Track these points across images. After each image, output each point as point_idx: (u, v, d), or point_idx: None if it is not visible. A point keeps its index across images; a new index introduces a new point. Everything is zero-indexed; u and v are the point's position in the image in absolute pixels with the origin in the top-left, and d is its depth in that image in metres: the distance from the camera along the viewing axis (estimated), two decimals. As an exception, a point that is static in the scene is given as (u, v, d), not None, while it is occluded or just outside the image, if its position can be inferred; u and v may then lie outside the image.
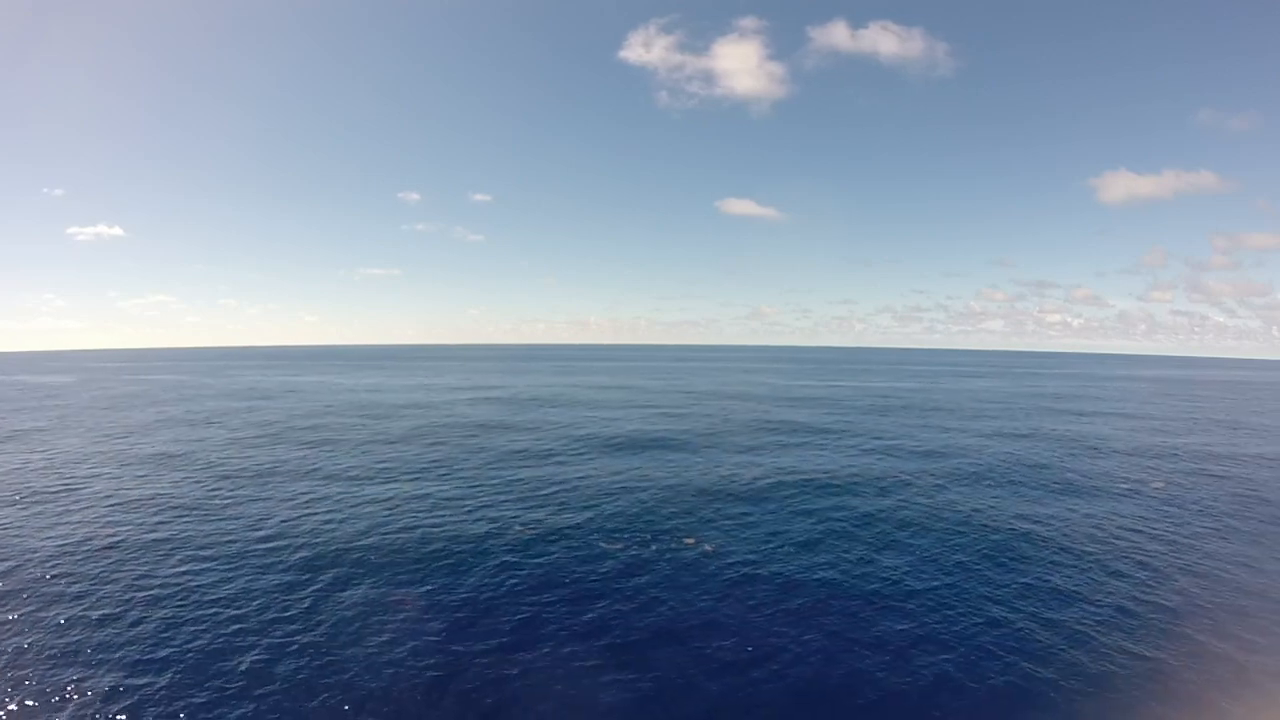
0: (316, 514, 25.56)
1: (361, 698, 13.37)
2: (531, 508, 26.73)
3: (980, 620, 17.14)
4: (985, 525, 25.01)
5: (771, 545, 22.41)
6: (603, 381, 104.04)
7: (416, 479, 31.85)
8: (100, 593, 18.12)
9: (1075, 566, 20.93)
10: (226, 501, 27.45)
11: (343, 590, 18.40)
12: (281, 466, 34.60)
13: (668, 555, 21.28)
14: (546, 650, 15.18)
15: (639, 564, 20.50)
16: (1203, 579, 19.90)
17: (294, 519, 24.92)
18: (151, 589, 18.32)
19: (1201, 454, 41.28)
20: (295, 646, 15.23)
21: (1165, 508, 27.75)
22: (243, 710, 12.96)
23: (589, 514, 25.88)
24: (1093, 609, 17.83)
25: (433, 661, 14.66)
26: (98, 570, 19.73)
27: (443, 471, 33.73)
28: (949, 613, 17.62)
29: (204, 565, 20.12)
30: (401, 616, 16.78)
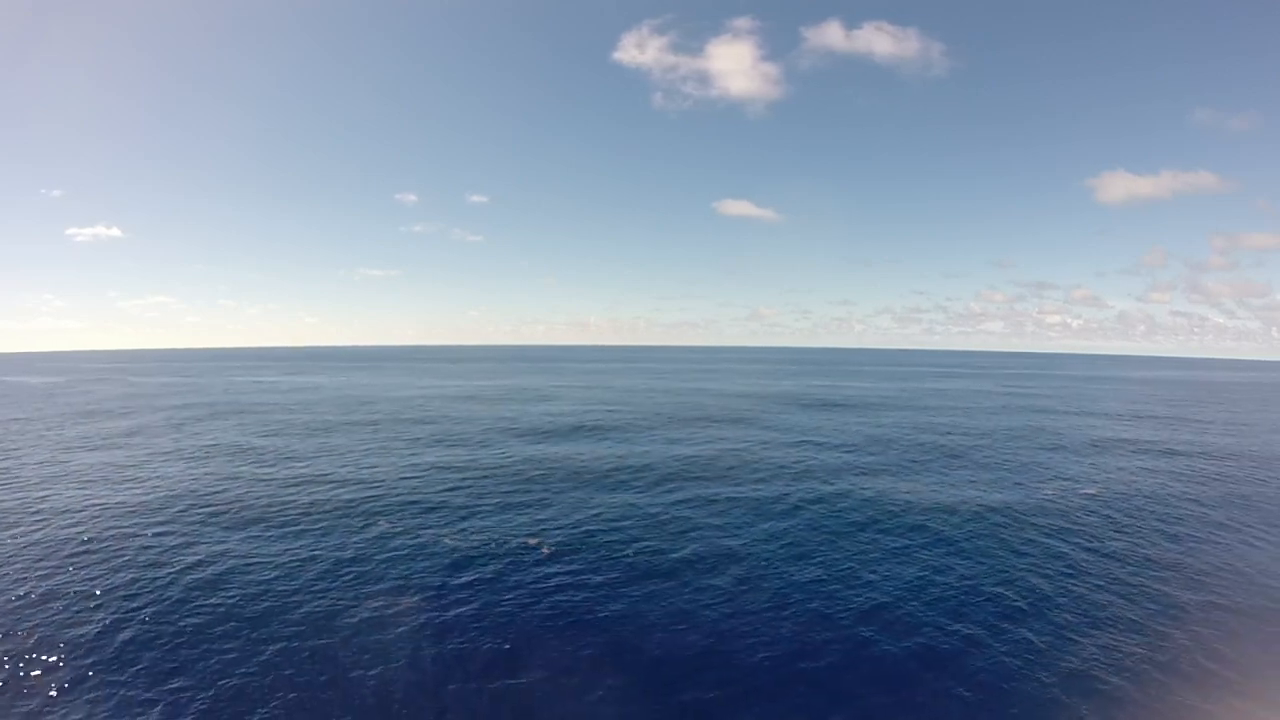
0: (221, 504, 26.65)
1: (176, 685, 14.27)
2: (417, 493, 28.52)
3: (821, 628, 16.67)
4: (883, 529, 24.50)
5: (628, 537, 22.89)
6: (588, 382, 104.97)
7: (332, 464, 34.29)
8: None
9: (960, 571, 20.89)
10: (153, 493, 28.48)
11: (195, 559, 19.72)
12: (216, 452, 35.88)
13: (510, 554, 21.15)
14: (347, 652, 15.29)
15: (478, 563, 20.37)
16: (1104, 589, 19.36)
17: (199, 497, 26.26)
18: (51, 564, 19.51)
19: (1165, 452, 41.81)
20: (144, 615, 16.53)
21: (1090, 509, 27.79)
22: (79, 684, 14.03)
23: (475, 501, 27.49)
24: (966, 618, 17.47)
25: (229, 655, 15.17)
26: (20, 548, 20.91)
27: (373, 458, 36.01)
28: (774, 614, 17.49)
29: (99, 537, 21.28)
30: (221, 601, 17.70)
